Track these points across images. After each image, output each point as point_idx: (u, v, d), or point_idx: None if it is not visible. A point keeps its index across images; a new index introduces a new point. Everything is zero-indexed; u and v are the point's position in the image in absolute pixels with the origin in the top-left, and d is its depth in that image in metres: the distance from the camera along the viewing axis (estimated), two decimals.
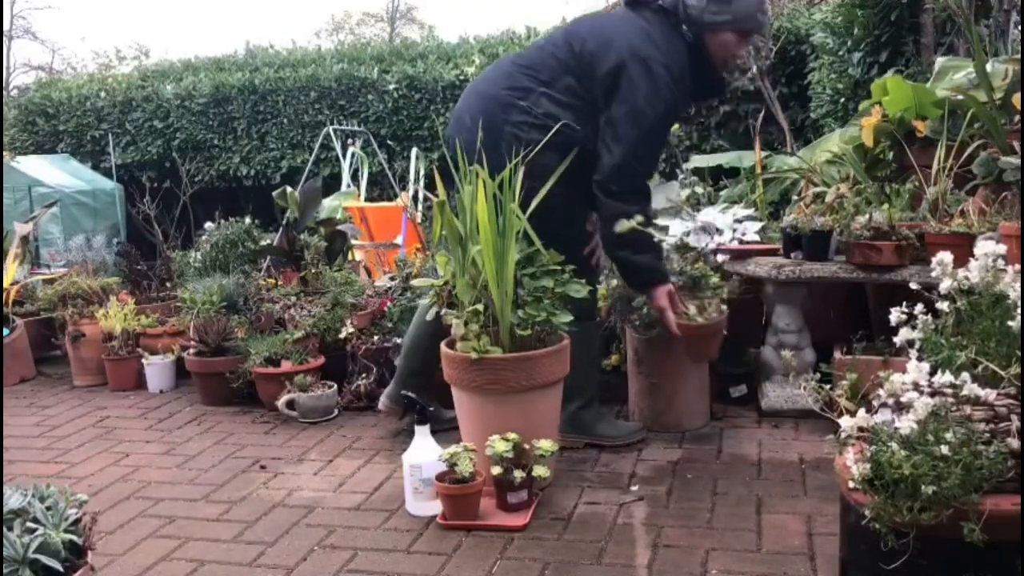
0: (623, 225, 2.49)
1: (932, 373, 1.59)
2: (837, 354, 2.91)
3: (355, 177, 7.10)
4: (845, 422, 1.60)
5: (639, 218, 2.53)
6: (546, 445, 2.40)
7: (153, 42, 38.43)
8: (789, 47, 6.42)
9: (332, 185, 6.70)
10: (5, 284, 4.60)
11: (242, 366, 3.64)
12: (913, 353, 1.76)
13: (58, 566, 1.51)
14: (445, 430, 2.88)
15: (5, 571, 1.47)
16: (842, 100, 5.01)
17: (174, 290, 4.65)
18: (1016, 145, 2.79)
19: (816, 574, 1.99)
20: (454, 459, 2.34)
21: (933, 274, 1.82)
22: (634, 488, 2.56)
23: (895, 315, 1.81)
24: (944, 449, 1.45)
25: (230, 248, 4.64)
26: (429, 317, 2.76)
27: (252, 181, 7.90)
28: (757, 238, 3.34)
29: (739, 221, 3.42)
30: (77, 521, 1.63)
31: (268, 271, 4.61)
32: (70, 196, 7.34)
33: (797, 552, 2.09)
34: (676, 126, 5.09)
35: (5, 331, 4.31)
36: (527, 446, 2.39)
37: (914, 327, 1.79)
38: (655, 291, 2.70)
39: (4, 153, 7.80)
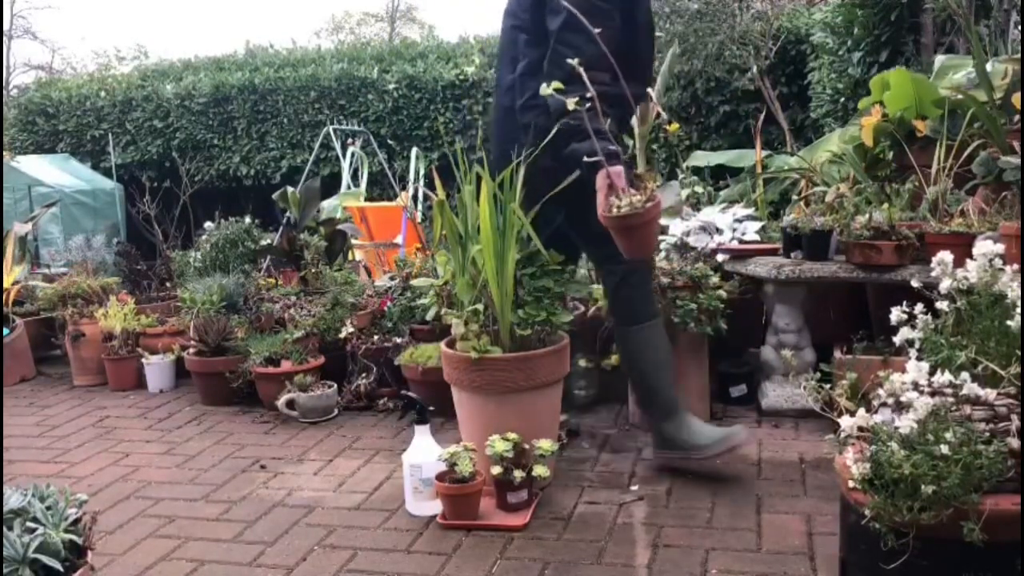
0: (545, 89, 2.23)
1: (932, 373, 1.59)
2: (837, 354, 2.91)
3: (355, 177, 7.10)
4: (845, 422, 1.60)
5: (573, 100, 2.20)
6: (546, 445, 2.40)
7: (153, 42, 38.37)
8: (789, 47, 6.42)
9: (332, 185, 6.70)
10: (5, 284, 4.60)
11: (242, 366, 3.64)
12: (913, 353, 1.76)
13: (58, 566, 1.51)
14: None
15: (5, 571, 1.47)
16: (842, 100, 5.02)
17: (174, 290, 4.65)
18: (1016, 145, 2.79)
19: (816, 574, 1.99)
20: (454, 459, 2.34)
21: (933, 274, 1.82)
22: (634, 488, 2.56)
23: (895, 315, 1.81)
24: (944, 449, 1.45)
25: (230, 248, 4.64)
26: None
27: (252, 181, 7.90)
28: (757, 238, 3.34)
29: (739, 221, 3.42)
30: (77, 521, 1.63)
31: (268, 271, 4.61)
32: (70, 196, 7.35)
33: (797, 552, 2.09)
34: (676, 125, 5.09)
35: (5, 331, 4.31)
36: (527, 446, 2.39)
37: (914, 327, 1.79)
38: (597, 174, 2.29)
39: (4, 153, 7.79)
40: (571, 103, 2.18)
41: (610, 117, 2.28)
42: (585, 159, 2.26)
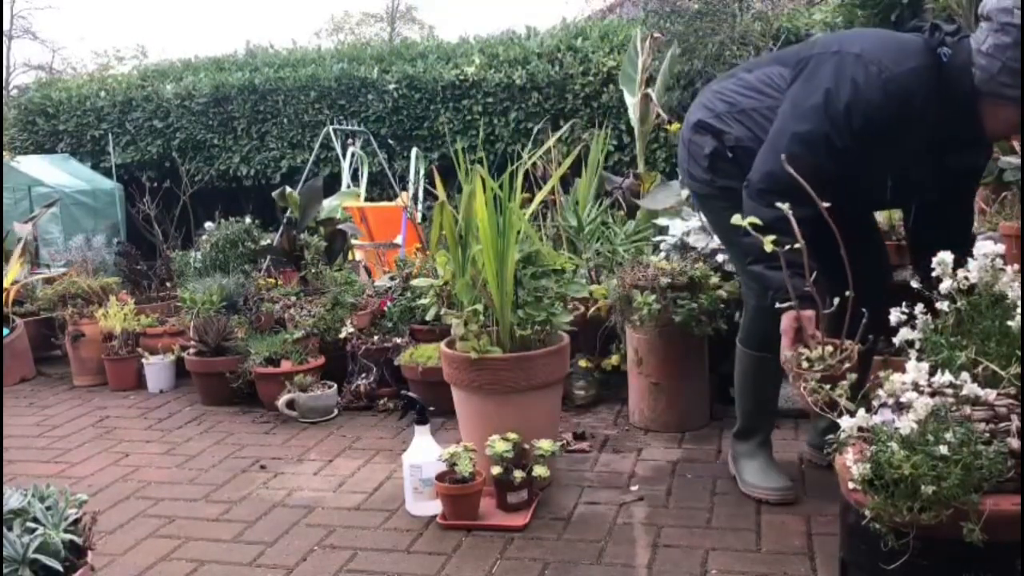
0: (736, 219, 1.89)
1: (932, 373, 1.59)
2: None
3: (355, 177, 7.10)
4: (845, 422, 1.59)
5: (763, 223, 1.88)
6: (546, 445, 2.40)
7: (152, 42, 38.40)
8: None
9: (332, 185, 6.70)
10: (5, 284, 4.60)
11: (242, 366, 3.64)
12: (913, 353, 1.76)
13: (58, 566, 1.51)
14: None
15: (5, 571, 1.47)
16: None
17: (174, 290, 4.65)
18: (1016, 145, 2.79)
19: (816, 574, 1.99)
20: (454, 459, 2.34)
21: (933, 274, 1.82)
22: (634, 488, 2.56)
23: (895, 315, 1.81)
24: (944, 449, 1.45)
25: (230, 248, 4.64)
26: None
27: (252, 181, 7.90)
28: None
29: None
30: (77, 521, 1.63)
31: (268, 271, 4.61)
32: (70, 196, 7.34)
33: (797, 552, 2.09)
34: (676, 125, 5.09)
35: (5, 331, 4.31)
36: (527, 446, 2.39)
37: (914, 327, 1.79)
38: (784, 314, 2.05)
39: (4, 153, 7.79)
40: (758, 225, 1.83)
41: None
42: (769, 286, 2.07)
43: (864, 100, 2.02)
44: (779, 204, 1.84)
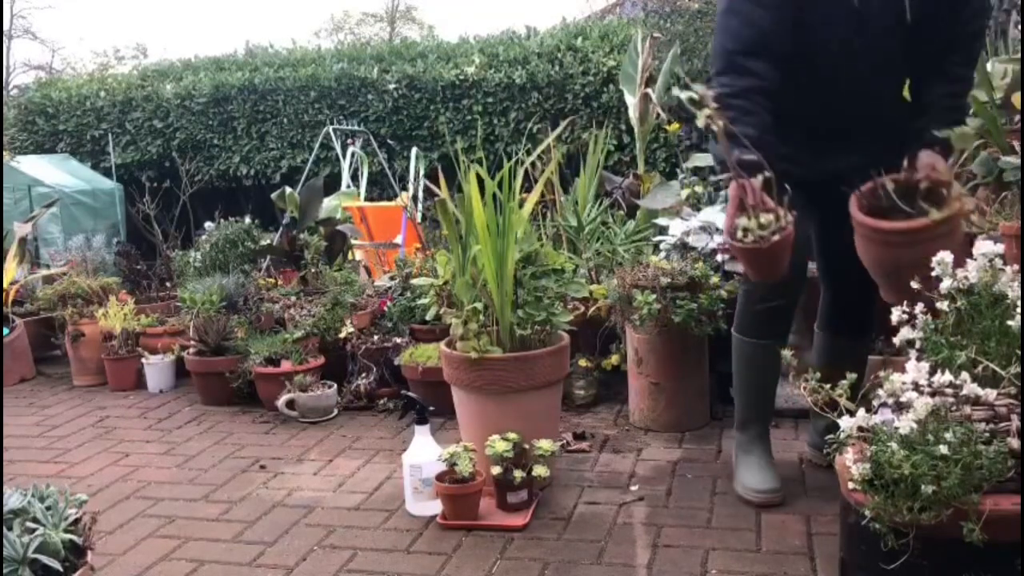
0: (683, 93, 1.81)
1: (932, 373, 1.59)
2: None
3: (355, 177, 7.10)
4: (845, 422, 1.59)
5: (710, 101, 1.81)
6: (546, 445, 2.40)
7: (152, 42, 38.40)
8: None
9: (332, 185, 6.70)
10: (5, 284, 4.60)
11: (242, 366, 3.64)
12: (913, 353, 1.76)
13: (58, 566, 1.51)
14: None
15: (5, 571, 1.47)
16: None
17: (174, 290, 4.65)
18: (1016, 145, 2.79)
19: (816, 574, 1.99)
20: (454, 459, 2.34)
21: (933, 274, 1.82)
22: (634, 488, 2.56)
23: (895, 315, 1.81)
24: (944, 449, 1.45)
25: (230, 248, 4.64)
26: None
27: (252, 181, 7.89)
28: None
29: None
30: (77, 521, 1.63)
31: (268, 271, 4.61)
32: (70, 196, 7.34)
33: (797, 552, 2.09)
34: (676, 125, 5.09)
35: (5, 331, 4.31)
36: (527, 446, 2.39)
37: (914, 327, 1.79)
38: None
39: (4, 153, 7.79)
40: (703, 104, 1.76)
41: (764, 116, 2.00)
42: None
43: None
44: (726, 79, 1.97)
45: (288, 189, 5.15)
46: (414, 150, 6.80)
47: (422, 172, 6.65)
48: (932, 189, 1.90)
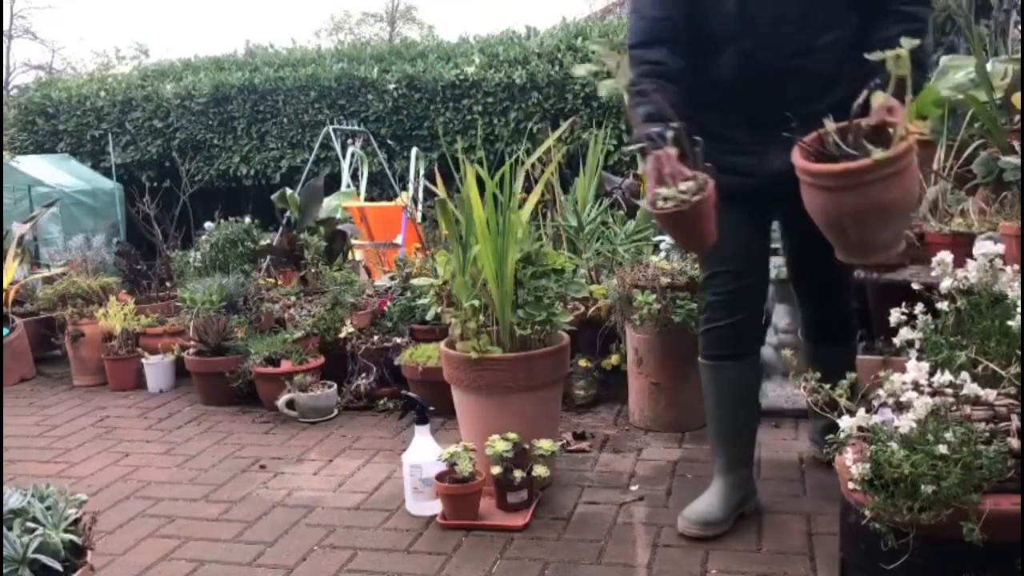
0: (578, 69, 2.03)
1: (932, 373, 1.59)
2: None
3: (355, 177, 7.10)
4: (845, 422, 1.59)
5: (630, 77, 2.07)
6: (546, 445, 2.40)
7: (153, 42, 38.41)
8: None
9: (332, 185, 6.70)
10: (5, 284, 4.60)
11: (242, 366, 3.64)
12: (913, 353, 1.76)
13: (58, 566, 1.51)
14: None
15: (5, 571, 1.47)
16: None
17: (174, 290, 4.65)
18: (1016, 145, 2.79)
19: (816, 574, 1.99)
20: (454, 459, 2.34)
21: (933, 274, 1.82)
22: (634, 488, 2.56)
23: (895, 315, 1.81)
24: (943, 448, 1.45)
25: (230, 248, 4.64)
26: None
27: (252, 181, 7.90)
28: None
29: None
30: (77, 521, 1.63)
31: (268, 271, 4.61)
32: (70, 196, 7.34)
33: (797, 552, 2.09)
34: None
35: (5, 331, 4.31)
36: (527, 446, 2.39)
37: (914, 327, 1.79)
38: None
39: (4, 153, 7.79)
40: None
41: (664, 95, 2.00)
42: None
43: None
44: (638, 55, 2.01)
45: (288, 189, 5.15)
46: (414, 150, 6.80)
47: (422, 172, 6.66)
48: (879, 130, 1.73)
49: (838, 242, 1.82)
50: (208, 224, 5.09)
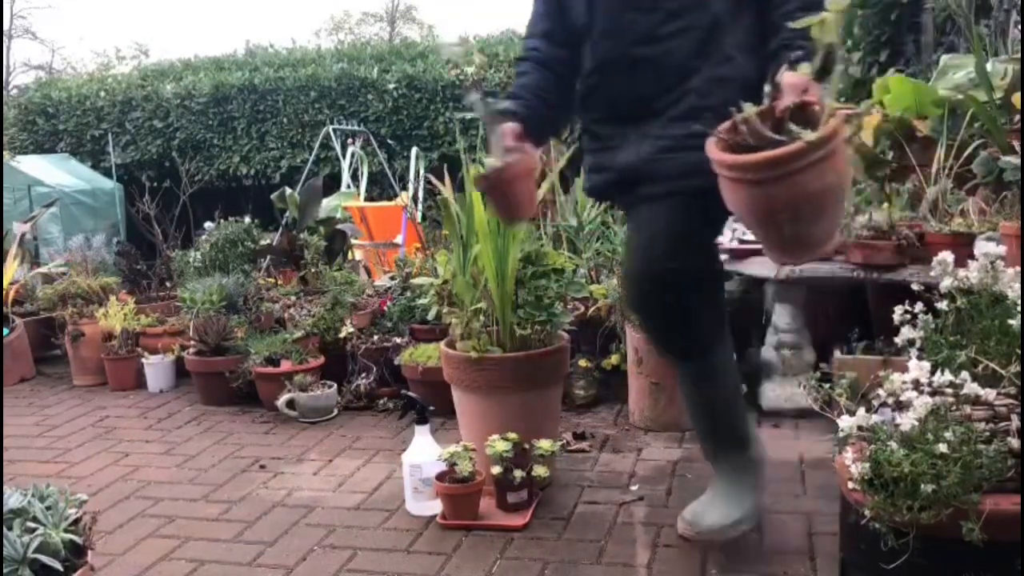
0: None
1: (932, 372, 1.59)
2: (837, 354, 2.91)
3: (355, 177, 7.11)
4: (844, 421, 1.59)
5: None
6: (546, 445, 2.40)
7: (153, 42, 38.38)
8: None
9: (332, 185, 6.71)
10: (5, 284, 4.60)
11: (242, 366, 3.64)
12: (913, 352, 1.76)
13: (58, 566, 1.51)
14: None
15: (5, 571, 1.47)
16: (842, 100, 5.02)
17: (174, 290, 4.65)
18: (1016, 145, 2.79)
19: (816, 574, 1.99)
20: (454, 459, 2.34)
21: (933, 273, 1.82)
22: (634, 488, 2.56)
23: (897, 315, 1.81)
24: (943, 448, 1.45)
25: (230, 248, 4.64)
26: None
27: (252, 180, 7.90)
28: None
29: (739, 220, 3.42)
30: (77, 521, 1.63)
31: (268, 271, 4.61)
32: (70, 196, 7.35)
33: (797, 552, 2.09)
34: None
35: (5, 331, 4.31)
36: (527, 446, 2.39)
37: (915, 326, 1.79)
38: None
39: (4, 153, 7.79)
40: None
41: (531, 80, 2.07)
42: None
43: None
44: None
45: (288, 189, 5.15)
46: (414, 150, 6.81)
47: (422, 172, 6.66)
48: (801, 111, 1.56)
49: (769, 241, 1.68)
50: (208, 224, 5.09)
